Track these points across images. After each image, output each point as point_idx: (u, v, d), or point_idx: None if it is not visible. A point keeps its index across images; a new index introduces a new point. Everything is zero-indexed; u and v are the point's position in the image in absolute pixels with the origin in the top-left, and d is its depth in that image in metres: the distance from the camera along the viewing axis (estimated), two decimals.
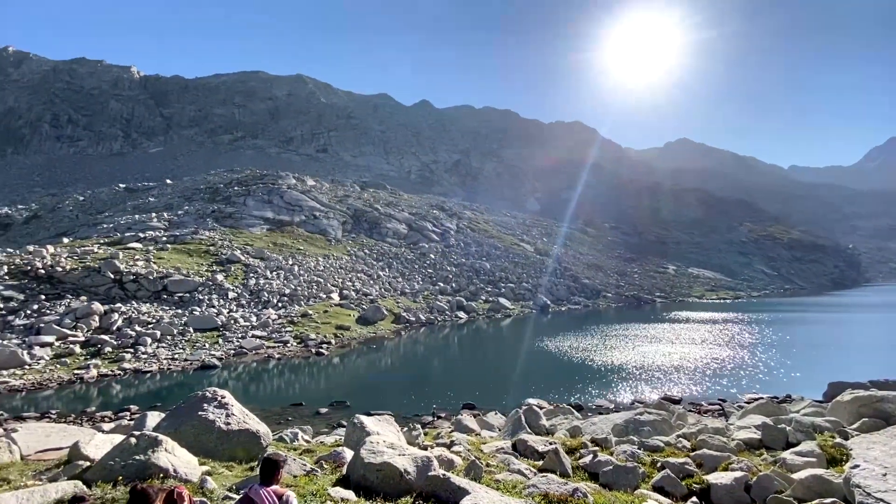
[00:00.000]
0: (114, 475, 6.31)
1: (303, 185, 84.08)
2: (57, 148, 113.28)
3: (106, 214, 66.22)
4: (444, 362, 35.54)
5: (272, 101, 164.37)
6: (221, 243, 53.38)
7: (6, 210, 72.30)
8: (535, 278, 73.66)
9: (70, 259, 40.50)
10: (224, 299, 41.29)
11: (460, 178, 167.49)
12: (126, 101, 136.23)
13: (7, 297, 33.52)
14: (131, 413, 20.51)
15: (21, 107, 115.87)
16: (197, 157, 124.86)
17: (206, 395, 9.33)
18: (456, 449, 11.34)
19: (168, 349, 31.44)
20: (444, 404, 22.80)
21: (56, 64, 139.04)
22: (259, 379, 28.76)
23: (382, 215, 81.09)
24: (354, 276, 57.05)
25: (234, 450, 9.23)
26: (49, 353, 28.24)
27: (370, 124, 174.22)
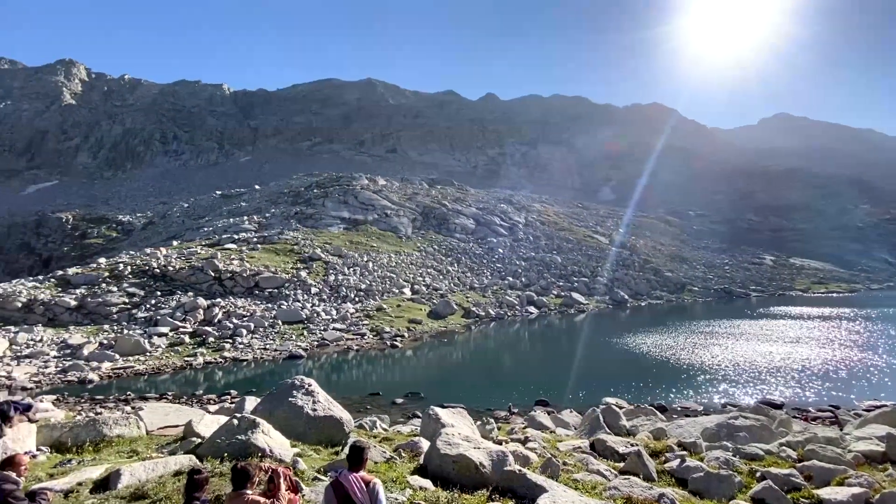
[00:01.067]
0: (220, 452, 7.07)
1: (374, 185, 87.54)
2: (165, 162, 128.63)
3: (206, 219, 73.99)
4: (515, 357, 35.22)
5: (345, 107, 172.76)
6: (304, 242, 57.29)
7: (128, 218, 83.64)
8: (612, 272, 70.25)
9: (179, 259, 45.86)
10: (307, 294, 44.33)
11: (528, 170, 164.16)
12: (219, 116, 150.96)
13: (131, 294, 38.82)
14: (231, 397, 22.76)
15: (136, 127, 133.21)
16: (280, 163, 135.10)
17: (294, 383, 10.10)
18: (531, 445, 11.19)
19: (260, 340, 34.48)
20: (516, 400, 22.60)
21: (162, 87, 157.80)
22: (340, 369, 30.55)
23: (450, 211, 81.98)
24: (424, 271, 58.37)
25: (320, 434, 9.90)
26: (165, 342, 32.25)
27: (436, 122, 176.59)
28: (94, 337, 31.87)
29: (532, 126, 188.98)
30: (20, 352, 28.76)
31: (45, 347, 29.52)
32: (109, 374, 26.87)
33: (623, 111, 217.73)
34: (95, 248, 68.68)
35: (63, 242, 73.66)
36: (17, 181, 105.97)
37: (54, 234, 75.81)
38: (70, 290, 38.37)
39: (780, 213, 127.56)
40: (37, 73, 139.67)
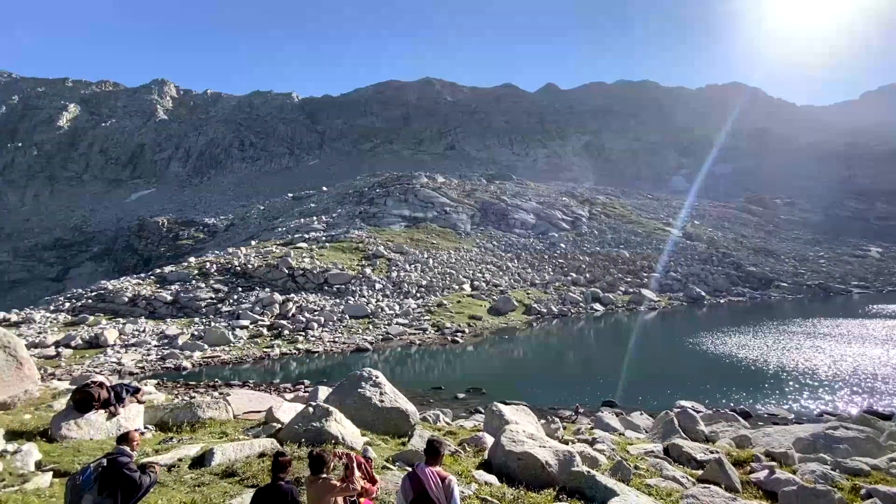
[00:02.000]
0: (298, 437, 7.58)
1: (433, 182, 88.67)
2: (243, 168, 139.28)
3: (280, 220, 79.18)
4: (579, 356, 34.14)
5: (403, 107, 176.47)
6: (368, 240, 59.47)
7: (213, 220, 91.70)
8: (686, 266, 65.77)
9: (257, 258, 49.52)
10: (372, 290, 46.01)
11: (591, 160, 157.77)
12: (289, 122, 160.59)
13: (217, 290, 42.56)
14: (305, 386, 24.19)
15: (218, 137, 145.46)
16: (345, 165, 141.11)
17: (363, 375, 10.55)
18: (599, 447, 10.82)
19: (330, 333, 36.35)
20: (580, 400, 21.91)
21: (239, 99, 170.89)
22: (403, 362, 31.41)
23: (509, 206, 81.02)
24: (484, 267, 58.25)
25: (387, 425, 10.28)
26: (246, 334, 35.02)
27: (494, 116, 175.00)
28: (187, 328, 35.37)
29: (595, 115, 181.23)
30: (127, 341, 32.63)
31: (148, 337, 33.23)
32: (200, 362, 29.67)
33: (696, 93, 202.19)
34: (186, 249, 76.07)
35: (160, 244, 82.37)
36: (122, 190, 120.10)
37: (152, 236, 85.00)
38: (166, 287, 42.84)
39: (891, 199, 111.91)
40: (135, 93, 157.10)
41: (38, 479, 6.31)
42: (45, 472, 6.59)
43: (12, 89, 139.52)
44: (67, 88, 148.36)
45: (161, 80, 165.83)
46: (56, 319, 36.10)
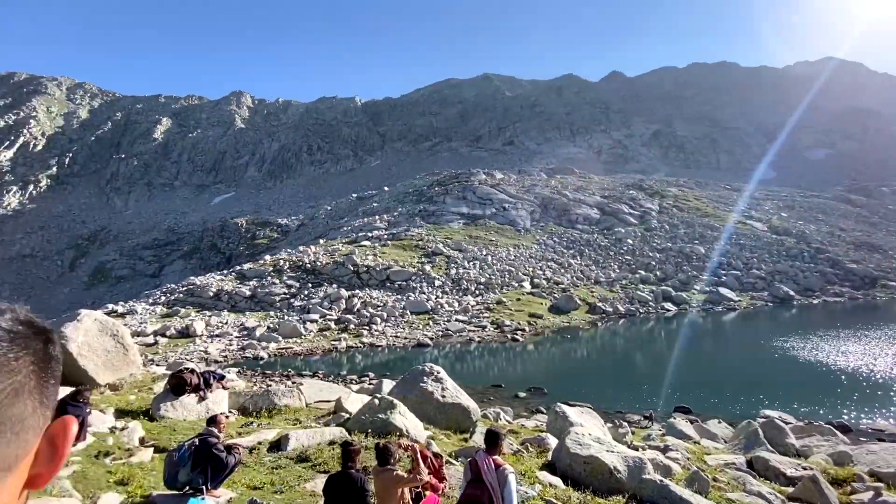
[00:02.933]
0: (365, 427, 7.88)
1: (492, 179, 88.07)
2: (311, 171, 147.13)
3: (345, 219, 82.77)
4: (648, 358, 32.34)
5: (462, 105, 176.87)
6: (427, 238, 60.43)
7: (285, 221, 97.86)
8: (772, 263, 59.98)
9: (324, 256, 52.12)
10: (432, 287, 46.71)
11: (661, 150, 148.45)
12: (353, 126, 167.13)
13: (289, 285, 45.37)
14: (370, 378, 25.11)
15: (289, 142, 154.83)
16: (405, 165, 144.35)
17: (424, 370, 10.73)
18: (672, 455, 10.18)
19: (392, 328, 37.42)
20: (649, 404, 20.77)
21: (307, 105, 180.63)
22: (463, 359, 31.58)
23: (571, 201, 78.45)
24: (545, 264, 56.95)
25: (448, 420, 10.38)
26: (315, 327, 37.01)
27: (554, 109, 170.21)
28: (263, 321, 38.10)
29: (665, 102, 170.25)
30: (213, 331, 35.77)
31: (230, 329, 36.22)
32: (275, 352, 31.83)
33: (782, 72, 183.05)
34: (262, 248, 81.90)
35: (239, 243, 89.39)
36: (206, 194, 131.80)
37: (233, 236, 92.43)
38: (245, 282, 46.39)
39: None
40: (217, 105, 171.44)
41: (142, 454, 7.10)
42: (147, 448, 7.40)
43: (116, 107, 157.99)
44: (160, 104, 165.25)
45: (238, 91, 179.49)
46: (154, 311, 40.43)
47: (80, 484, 5.82)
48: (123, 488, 5.84)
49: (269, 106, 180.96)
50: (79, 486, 5.74)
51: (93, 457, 6.69)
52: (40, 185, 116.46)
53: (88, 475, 6.09)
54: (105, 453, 6.84)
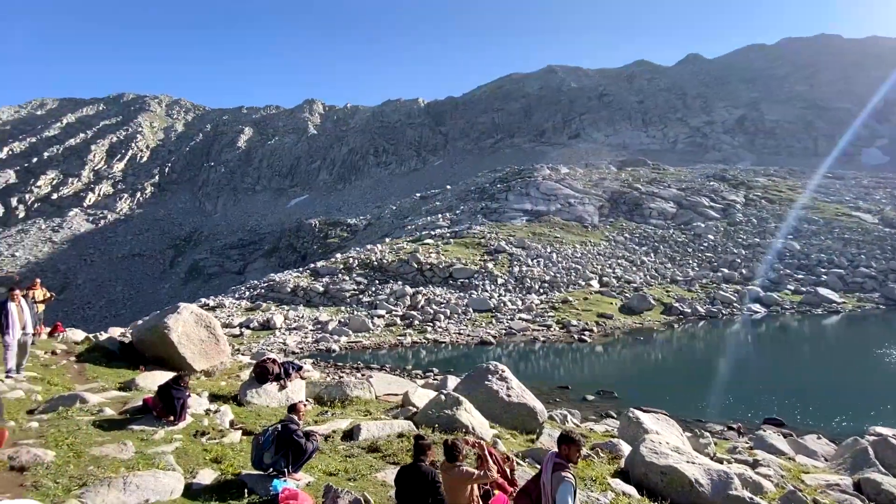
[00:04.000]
0: (432, 422, 8.01)
1: (556, 174, 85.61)
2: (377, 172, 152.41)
3: (409, 218, 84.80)
4: (733, 364, 29.71)
5: (525, 99, 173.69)
6: (489, 236, 60.16)
7: (354, 221, 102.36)
8: (884, 261, 52.56)
9: (390, 254, 53.79)
10: (494, 285, 46.46)
11: (747, 136, 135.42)
12: (416, 127, 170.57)
13: (358, 282, 47.39)
14: (434, 374, 25.54)
15: (356, 146, 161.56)
16: (467, 163, 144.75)
17: (489, 368, 10.69)
18: (763, 471, 9.27)
19: (455, 325, 37.76)
20: (734, 414, 19.11)
21: (373, 109, 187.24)
22: (527, 358, 31.08)
23: (644, 195, 74.09)
24: (614, 262, 54.37)
25: (514, 420, 10.26)
26: (382, 322, 38.34)
27: (624, 98, 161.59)
28: (335, 316, 40.17)
29: (752, 82, 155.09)
30: (290, 325, 38.34)
31: (305, 322, 38.59)
32: (345, 346, 33.43)
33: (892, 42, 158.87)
34: (333, 246, 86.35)
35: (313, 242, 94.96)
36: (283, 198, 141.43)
37: (307, 236, 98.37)
38: (319, 279, 49.17)
39: None
40: (292, 113, 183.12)
41: (232, 436, 7.78)
42: (236, 430, 8.10)
43: (206, 120, 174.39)
44: (243, 115, 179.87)
45: (311, 99, 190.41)
46: (239, 305, 44.15)
47: (182, 459, 6.50)
48: (217, 465, 6.44)
49: (339, 112, 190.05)
50: (180, 460, 6.42)
51: (192, 435, 7.45)
52: (145, 192, 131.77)
53: (188, 452, 6.80)
54: (202, 433, 7.59)
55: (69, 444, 6.44)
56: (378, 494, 5.80)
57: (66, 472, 5.55)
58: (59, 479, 5.39)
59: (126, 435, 7.05)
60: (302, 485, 5.75)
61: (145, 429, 7.33)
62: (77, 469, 5.71)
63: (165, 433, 7.29)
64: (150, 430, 7.32)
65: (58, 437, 6.58)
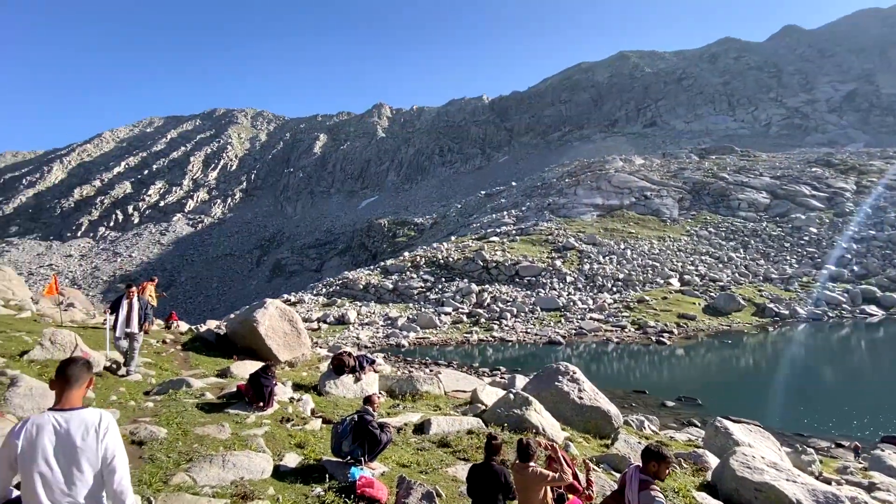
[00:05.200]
0: (500, 421, 7.97)
1: (630, 165, 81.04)
2: (442, 171, 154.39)
3: (474, 216, 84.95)
4: (840, 373, 26.29)
5: (594, 88, 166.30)
6: (557, 232, 58.48)
7: (420, 220, 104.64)
8: None
9: (456, 252, 54.29)
10: (563, 283, 45.09)
11: (859, 114, 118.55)
12: (481, 124, 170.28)
13: (425, 280, 48.41)
14: (501, 372, 25.39)
15: (422, 146, 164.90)
16: (533, 158, 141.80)
17: (559, 369, 10.39)
18: (881, 496, 8.12)
19: (522, 324, 37.22)
20: (844, 430, 16.90)
21: (438, 109, 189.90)
22: (599, 360, 29.81)
23: (731, 184, 67.79)
24: (697, 258, 50.36)
25: (586, 423, 9.90)
26: (449, 320, 38.84)
27: (707, 79, 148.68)
28: (403, 312, 41.40)
29: (863, 54, 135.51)
30: (363, 320, 40.14)
31: (376, 318, 40.20)
32: (414, 341, 34.34)
33: None
34: (401, 245, 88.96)
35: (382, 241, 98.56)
36: (355, 199, 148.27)
37: (377, 235, 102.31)
38: (388, 277, 50.95)
39: None
40: (361, 118, 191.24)
41: (313, 423, 8.32)
42: (317, 418, 8.64)
43: (286, 129, 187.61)
44: (318, 122, 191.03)
45: (379, 103, 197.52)
46: (317, 301, 47.02)
47: (270, 442, 7.08)
48: (301, 450, 6.92)
49: (405, 114, 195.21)
50: (269, 444, 6.99)
51: (278, 421, 8.08)
52: (235, 197, 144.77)
53: (276, 436, 7.38)
54: (287, 419, 8.20)
55: (178, 423, 7.27)
56: (449, 489, 5.89)
57: (175, 448, 6.28)
58: (170, 453, 6.10)
59: (223, 417, 7.81)
60: (377, 474, 6.00)
61: (239, 413, 8.07)
62: (184, 445, 6.43)
63: (256, 418, 7.97)
64: (243, 414, 8.05)
65: (169, 417, 7.45)
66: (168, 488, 5.01)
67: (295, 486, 5.60)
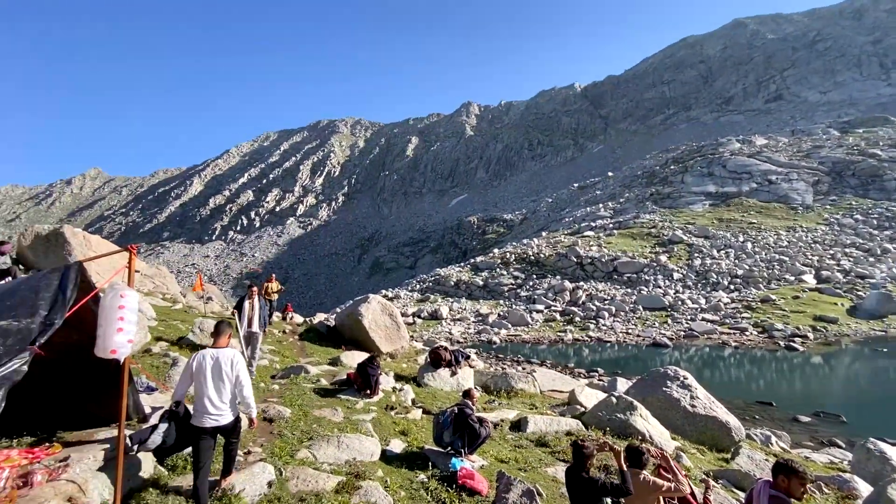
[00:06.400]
0: (602, 424, 7.63)
1: (750, 147, 71.68)
2: (532, 165, 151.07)
3: (566, 210, 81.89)
4: None
5: (703, 64, 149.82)
6: (662, 225, 53.96)
7: (510, 216, 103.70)
8: None
9: (547, 248, 52.87)
10: (669, 280, 41.53)
11: None
12: (573, 114, 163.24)
13: (516, 276, 47.93)
14: (599, 374, 24.20)
15: (511, 142, 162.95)
16: (632, 145, 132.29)
17: (668, 373, 9.64)
18: None
19: (622, 324, 35.05)
20: None
21: (527, 102, 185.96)
22: (713, 365, 26.94)
23: (884, 162, 56.63)
24: (839, 251, 43.00)
25: (700, 434, 9.06)
26: (541, 317, 38.00)
27: (850, 40, 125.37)
28: (494, 309, 41.47)
29: None
30: (454, 316, 41.02)
31: (467, 314, 40.81)
32: (505, 338, 34.21)
33: None
34: (491, 242, 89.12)
35: (472, 238, 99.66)
36: (445, 198, 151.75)
37: (467, 232, 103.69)
38: (478, 273, 51.39)
39: None
40: (450, 118, 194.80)
41: (414, 413, 8.77)
42: (417, 408, 9.09)
43: (381, 134, 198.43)
44: (410, 126, 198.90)
45: (467, 102, 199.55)
46: (412, 297, 49.13)
47: (377, 428, 7.63)
48: (404, 437, 7.36)
49: (493, 111, 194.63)
50: (376, 429, 7.54)
51: (383, 408, 8.67)
52: (338, 201, 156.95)
53: (382, 422, 7.93)
54: (390, 407, 8.76)
55: (299, 404, 8.17)
56: (549, 489, 5.82)
57: (298, 427, 7.07)
58: (294, 431, 6.89)
59: (336, 402, 8.59)
60: (476, 466, 6.15)
61: (349, 399, 8.81)
62: (305, 425, 7.21)
63: (364, 404, 8.64)
64: (353, 400, 8.77)
65: (291, 399, 8.40)
66: (294, 462, 5.67)
67: (401, 471, 5.97)
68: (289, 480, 5.03)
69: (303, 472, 5.29)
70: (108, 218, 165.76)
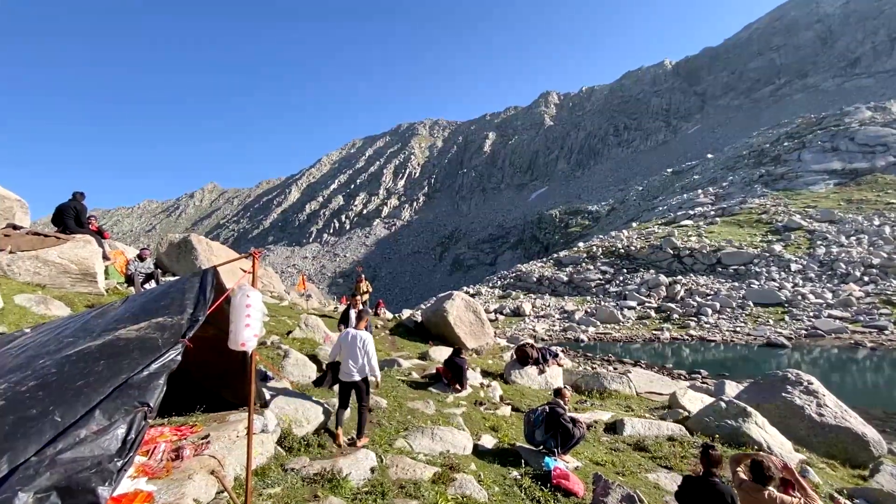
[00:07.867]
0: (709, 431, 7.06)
1: (885, 114, 60.76)
2: (618, 152, 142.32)
3: (659, 199, 76.02)
4: None
5: (821, 23, 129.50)
6: (774, 209, 47.93)
7: (595, 207, 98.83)
8: None
9: (639, 239, 49.60)
10: (786, 272, 36.80)
11: None
12: (663, 93, 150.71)
13: (603, 271, 45.65)
14: (702, 376, 22.21)
15: (594, 129, 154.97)
16: (734, 123, 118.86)
17: (788, 377, 8.61)
18: None
19: (728, 321, 31.79)
20: None
21: (611, 86, 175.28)
22: (843, 369, 23.38)
23: None
24: None
25: (829, 446, 8.00)
26: (633, 315, 35.80)
27: None
28: (580, 305, 39.95)
29: None
30: (538, 312, 40.25)
31: (552, 311, 39.81)
32: (593, 336, 32.81)
33: None
34: (575, 235, 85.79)
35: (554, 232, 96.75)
36: (524, 192, 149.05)
37: (548, 226, 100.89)
38: (562, 269, 49.83)
39: None
40: (528, 110, 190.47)
41: (503, 409, 8.84)
42: (506, 405, 9.15)
43: (458, 132, 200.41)
44: (486, 122, 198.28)
45: (546, 92, 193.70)
46: (493, 293, 49.13)
47: (468, 422, 7.82)
48: (495, 433, 7.46)
49: (574, 98, 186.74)
50: (467, 423, 7.73)
51: (473, 403, 8.86)
52: (419, 201, 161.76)
53: (472, 417, 8.11)
54: (480, 402, 8.92)
55: (394, 396, 8.66)
56: (651, 496, 5.54)
57: (395, 417, 7.51)
58: (391, 421, 7.33)
59: (427, 395, 8.96)
60: (570, 467, 6.04)
61: (440, 392, 9.13)
62: (401, 416, 7.63)
63: (453, 399, 8.90)
64: (443, 394, 9.08)
65: (387, 391, 8.93)
66: (392, 450, 6.05)
67: (493, 467, 6.08)
68: (389, 468, 5.38)
69: (401, 460, 5.62)
70: (223, 226, 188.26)
